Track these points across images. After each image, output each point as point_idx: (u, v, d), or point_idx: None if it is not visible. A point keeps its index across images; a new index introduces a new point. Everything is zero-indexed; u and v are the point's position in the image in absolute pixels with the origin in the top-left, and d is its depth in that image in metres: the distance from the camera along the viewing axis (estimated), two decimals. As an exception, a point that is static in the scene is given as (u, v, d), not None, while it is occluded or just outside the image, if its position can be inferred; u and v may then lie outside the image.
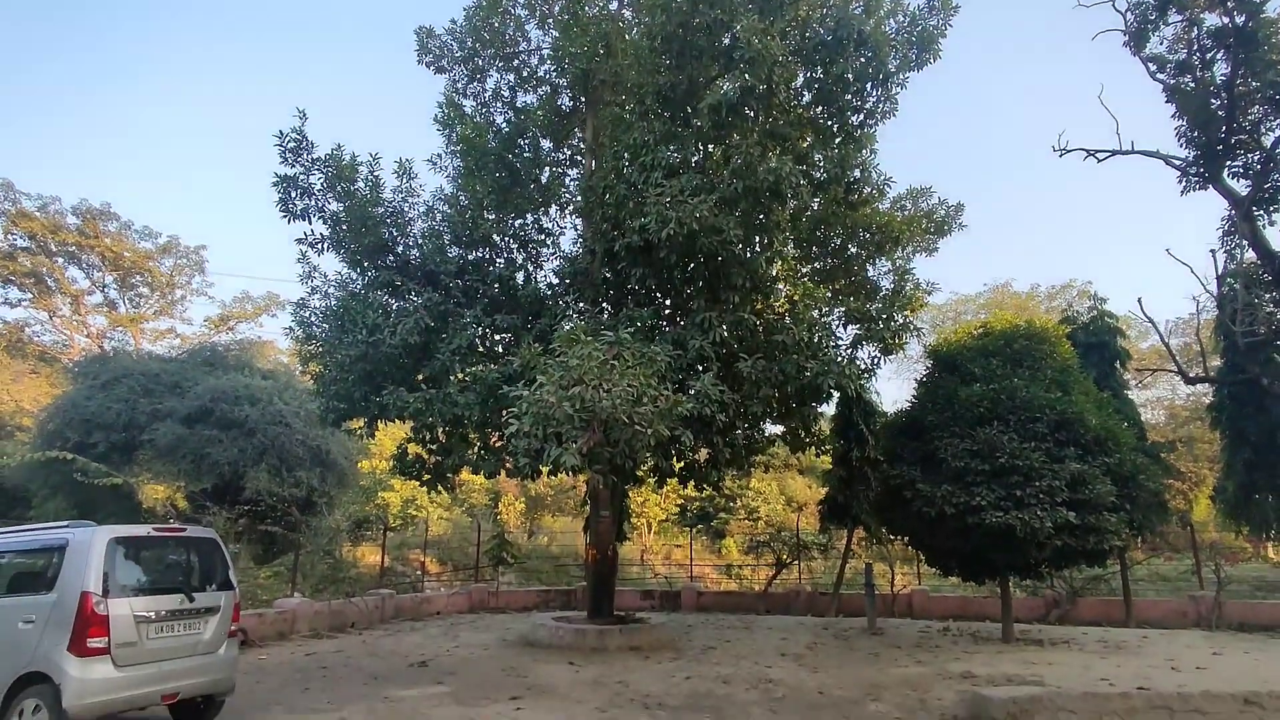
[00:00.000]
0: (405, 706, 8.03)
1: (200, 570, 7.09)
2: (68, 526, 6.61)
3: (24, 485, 18.70)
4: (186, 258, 31.58)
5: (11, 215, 26.80)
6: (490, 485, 32.69)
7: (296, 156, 11.60)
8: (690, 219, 9.90)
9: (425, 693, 8.77)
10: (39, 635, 5.94)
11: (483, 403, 11.06)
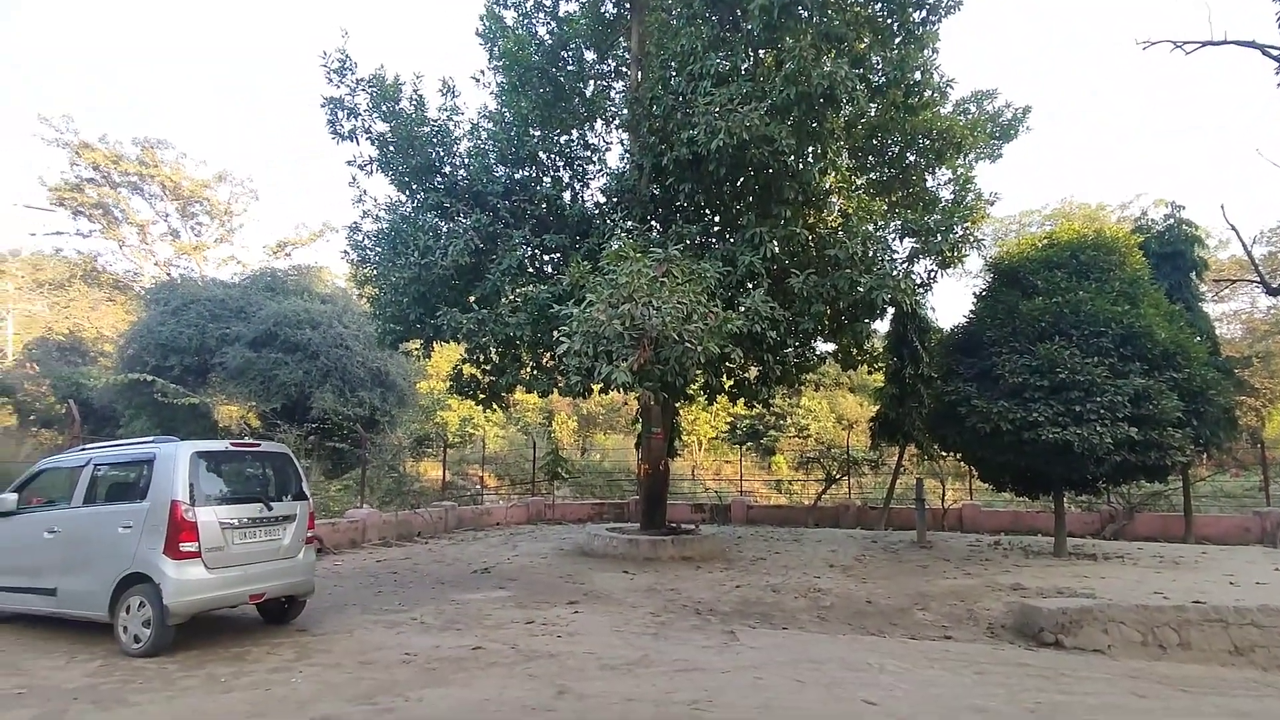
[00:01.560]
0: (471, 608, 8.53)
1: (276, 482, 7.53)
2: (154, 441, 7.07)
3: (111, 406, 19.93)
4: (243, 186, 32.16)
5: (75, 146, 27.53)
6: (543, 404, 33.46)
7: (341, 77, 11.53)
8: (740, 129, 9.57)
9: (489, 596, 9.29)
10: (137, 539, 6.46)
11: (534, 322, 11.19)
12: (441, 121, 12.39)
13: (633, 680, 5.80)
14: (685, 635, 7.39)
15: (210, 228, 32.25)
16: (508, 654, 6.59)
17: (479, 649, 6.72)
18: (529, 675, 5.91)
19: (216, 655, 6.46)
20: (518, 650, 6.71)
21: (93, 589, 6.60)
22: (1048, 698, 5.59)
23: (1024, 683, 5.99)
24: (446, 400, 28.79)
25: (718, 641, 7.16)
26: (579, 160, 13.40)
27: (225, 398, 19.38)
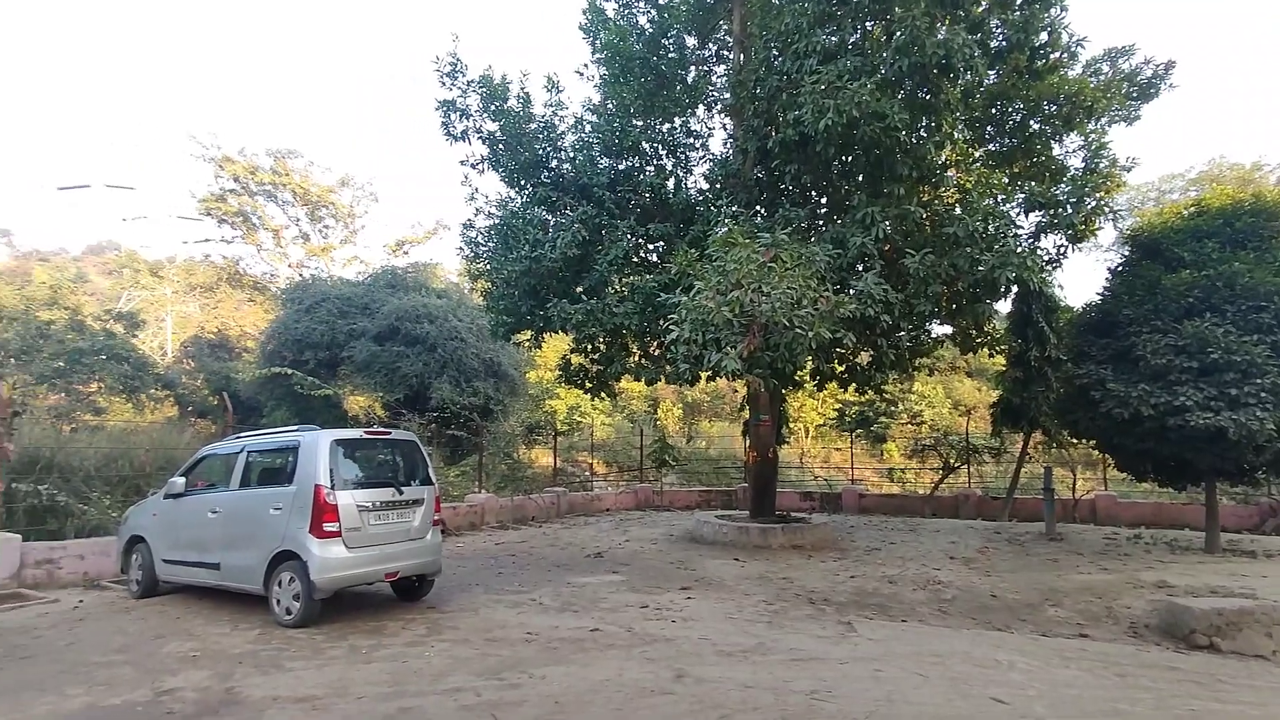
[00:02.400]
0: (587, 591, 8.77)
1: (405, 467, 8.01)
2: (298, 430, 7.67)
3: (255, 397, 21.74)
4: (363, 189, 34.14)
5: (219, 160, 30.06)
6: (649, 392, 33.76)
7: (453, 80, 12.01)
8: (849, 106, 9.26)
9: (603, 580, 9.52)
10: (286, 520, 7.04)
11: (641, 311, 11.31)
12: (547, 117, 12.68)
13: (749, 667, 5.80)
14: (800, 624, 7.31)
15: (336, 230, 34.45)
16: (624, 637, 6.73)
17: (596, 631, 6.91)
18: (646, 658, 6.03)
19: (357, 628, 6.96)
20: (633, 633, 6.85)
21: (249, 564, 7.25)
22: (1202, 705, 5.16)
23: (1174, 688, 5.56)
24: (555, 389, 29.62)
25: (834, 632, 7.04)
26: (682, 148, 13.38)
27: (353, 389, 20.74)
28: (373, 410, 20.33)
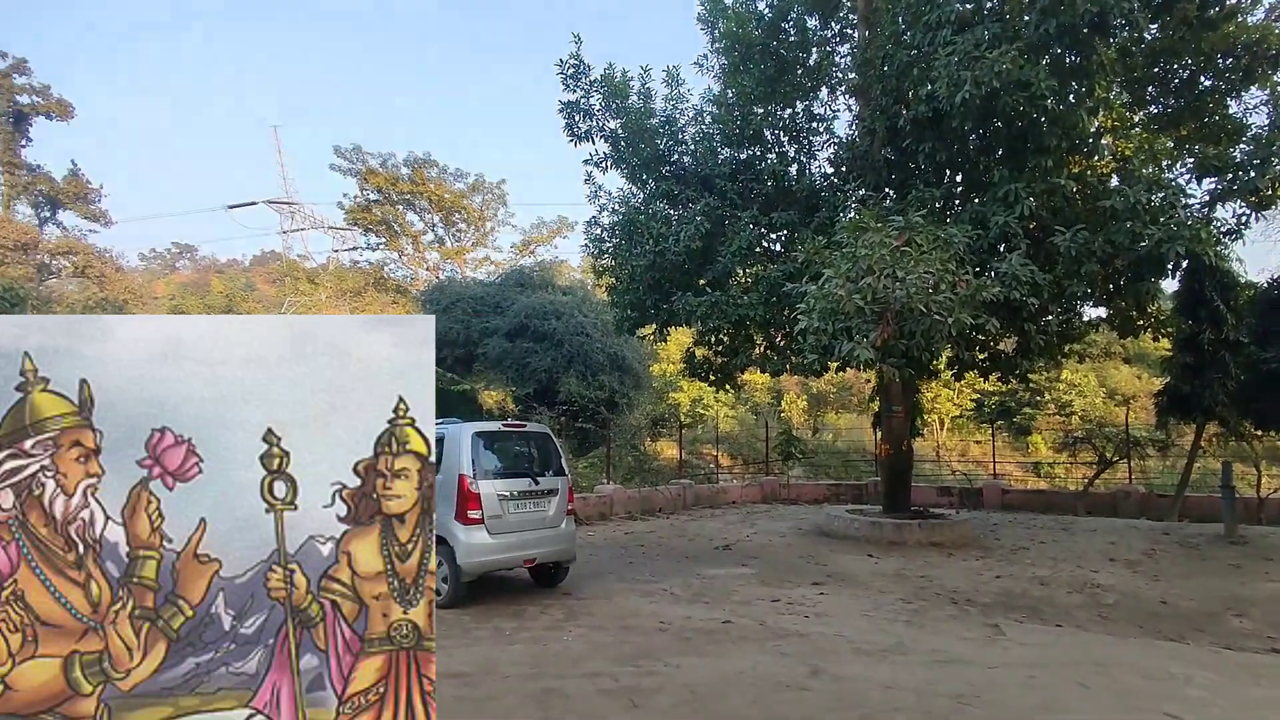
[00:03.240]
0: (717, 583, 8.79)
1: (539, 459, 8.33)
2: (441, 423, 8.15)
3: (399, 393, 23.29)
4: (491, 193, 35.73)
5: (363, 173, 32.41)
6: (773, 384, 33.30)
7: (576, 81, 12.31)
8: (989, 77, 8.69)
9: (732, 573, 9.50)
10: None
11: (766, 302, 11.16)
12: (668, 111, 12.75)
13: (889, 667, 5.61)
14: (942, 625, 6.99)
15: (468, 233, 36.28)
16: (756, 630, 6.70)
17: (728, 623, 6.91)
18: (780, 653, 5.97)
19: (499, 611, 7.33)
20: (766, 627, 6.80)
21: (404, 548, 7.80)
22: None
23: (1398, 715, 4.86)
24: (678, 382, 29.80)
25: (980, 634, 6.68)
26: (804, 133, 13.06)
27: (486, 384, 21.80)
28: (505, 404, 21.29)
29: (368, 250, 35.53)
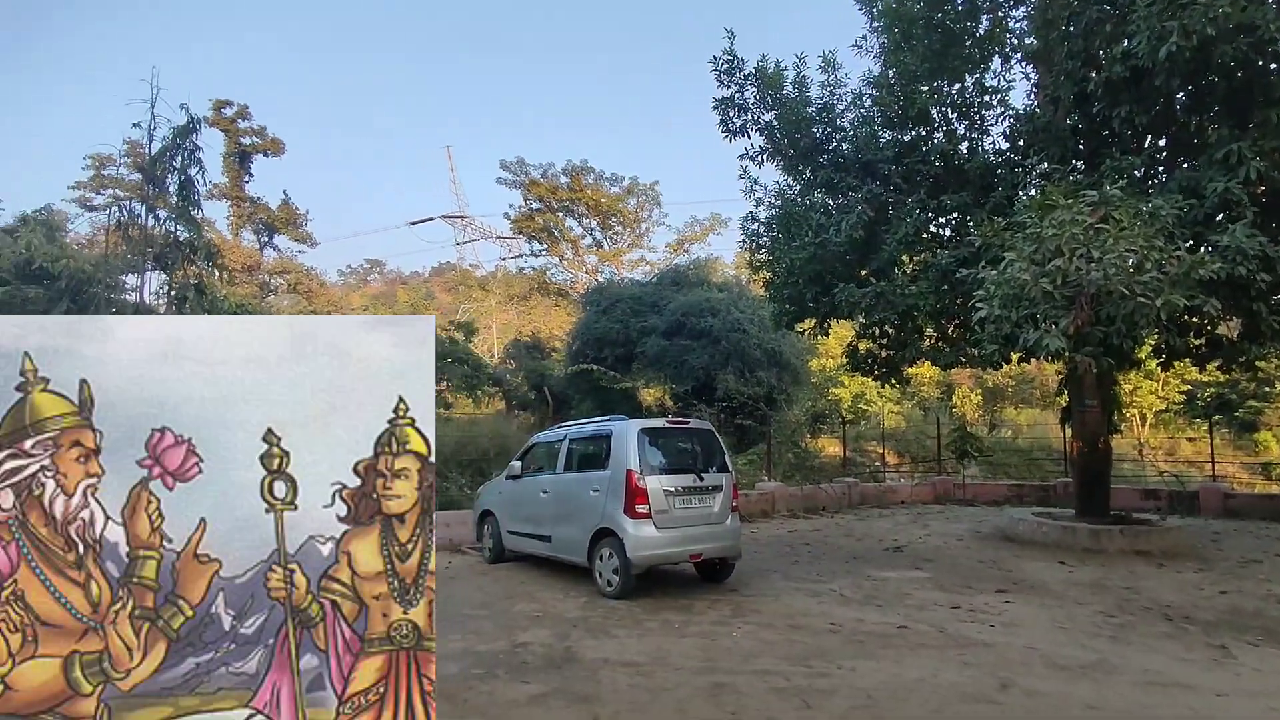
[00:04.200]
0: (889, 586, 8.42)
1: (703, 455, 8.39)
2: (609, 420, 8.44)
3: (565, 390, 24.37)
4: (645, 195, 36.45)
5: (526, 184, 34.23)
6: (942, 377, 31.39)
7: (730, 77, 12.23)
8: (1202, 25, 7.63)
9: (904, 575, 9.06)
10: (604, 501, 7.79)
11: (936, 290, 10.53)
12: (825, 98, 12.35)
13: (1090, 685, 5.11)
14: (1154, 643, 6.25)
15: (624, 235, 37.25)
16: (935, 637, 6.34)
17: (904, 628, 6.60)
18: (963, 662, 5.62)
19: (668, 605, 7.46)
20: (946, 634, 6.42)
21: (575, 539, 8.16)
22: None
23: None
24: (838, 377, 28.86)
25: (1202, 656, 5.90)
26: (975, 108, 12.16)
27: (645, 381, 22.25)
28: (664, 401, 21.62)
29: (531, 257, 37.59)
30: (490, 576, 8.99)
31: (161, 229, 8.24)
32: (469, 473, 13.52)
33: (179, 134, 8.23)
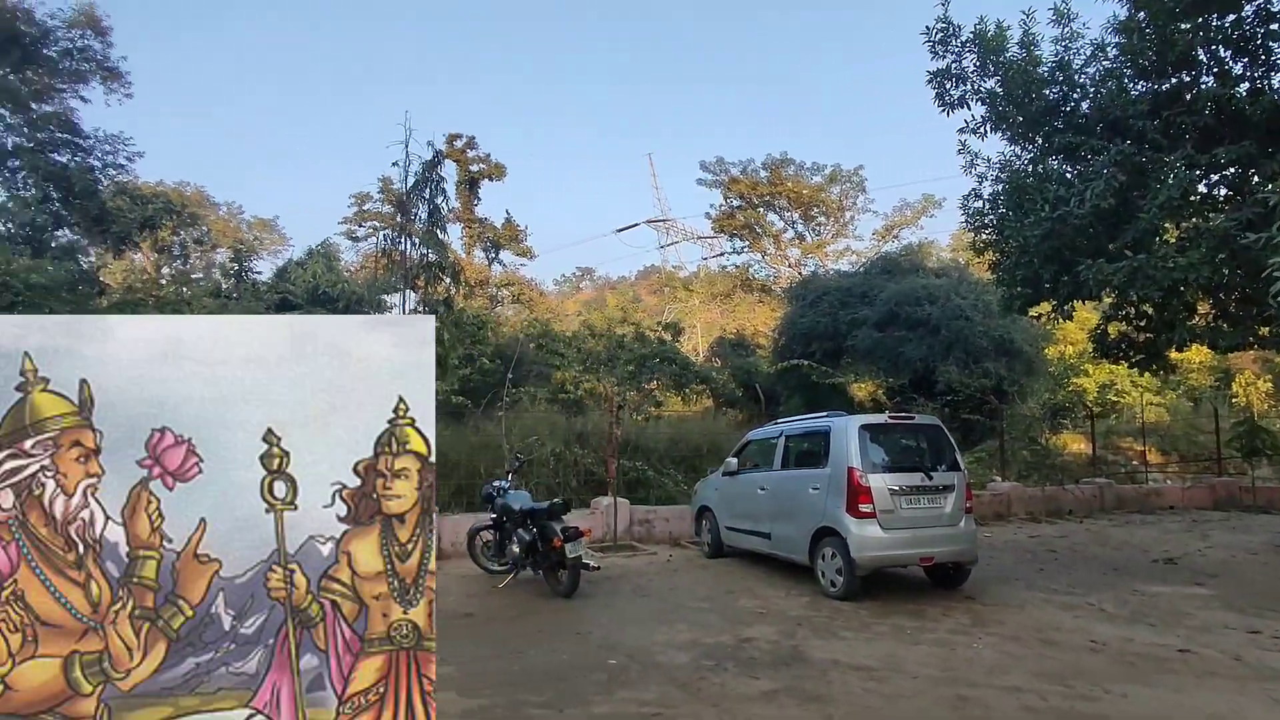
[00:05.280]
0: (1160, 603, 7.36)
1: (930, 452, 7.91)
2: (827, 416, 8.23)
3: (773, 387, 24.13)
4: (849, 182, 35.03)
5: (726, 183, 34.40)
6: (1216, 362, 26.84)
7: (945, 46, 11.34)
8: None
9: (1182, 592, 7.87)
10: (824, 499, 7.61)
11: (1211, 260, 8.98)
12: (1058, 55, 11.05)
13: None
14: None
15: (827, 226, 36.11)
16: (1229, 665, 5.44)
17: (1186, 652, 5.73)
18: (1272, 699, 4.76)
19: (897, 609, 7.11)
20: (1243, 663, 5.48)
21: (794, 537, 8.06)
22: None
23: None
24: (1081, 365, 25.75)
25: None
26: (1257, 40, 10.21)
27: (855, 376, 21.35)
28: (877, 396, 20.62)
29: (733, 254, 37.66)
30: (711, 571, 9.15)
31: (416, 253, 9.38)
32: (682, 469, 13.84)
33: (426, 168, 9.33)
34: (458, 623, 6.63)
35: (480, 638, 6.14)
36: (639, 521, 11.41)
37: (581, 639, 6.09)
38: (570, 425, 13.76)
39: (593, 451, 12.69)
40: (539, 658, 5.57)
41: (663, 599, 7.60)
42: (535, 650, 5.76)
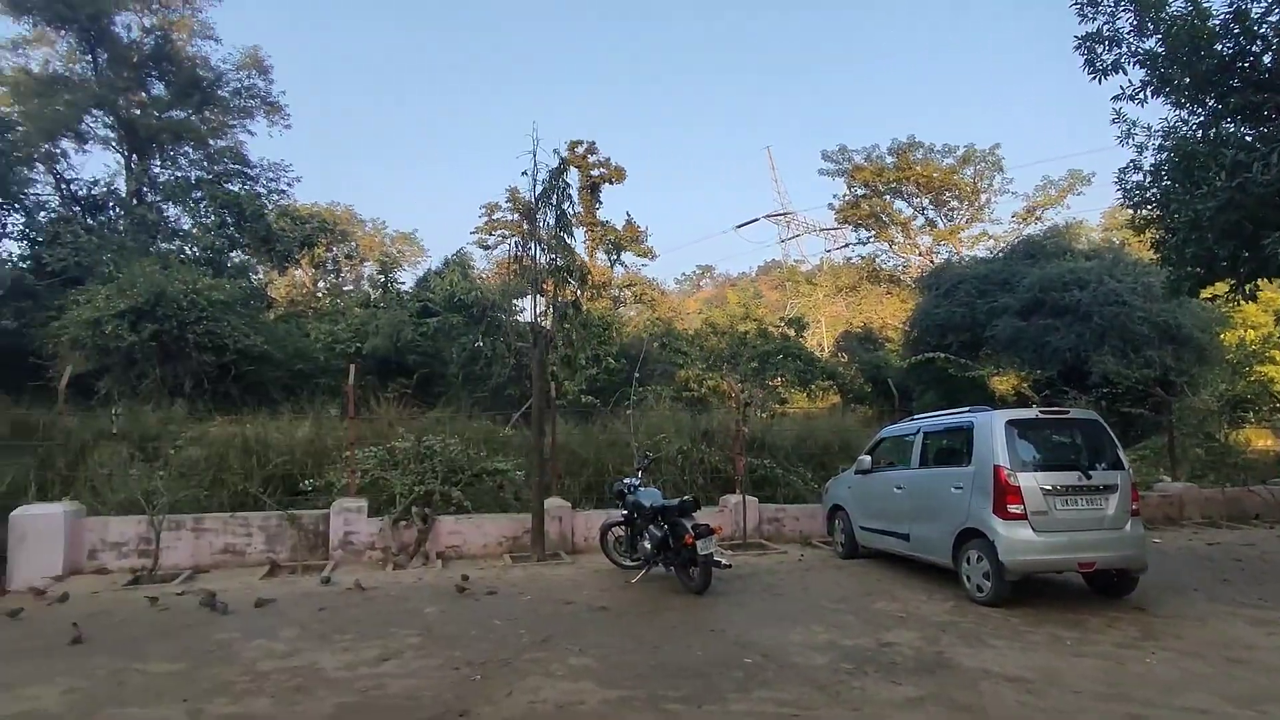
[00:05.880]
0: (1380, 620, 6.43)
1: (1087, 450, 7.29)
2: (969, 411, 7.78)
3: (904, 382, 23.07)
4: (984, 161, 32.93)
5: (850, 171, 33.29)
6: None
7: (1095, 8, 10.42)
8: None
9: (1407, 609, 6.83)
10: (968, 499, 7.20)
11: None
12: (1233, 5, 9.88)
13: None
14: None
15: (960, 210, 34.14)
16: None
17: None
18: None
19: (1052, 618, 6.61)
20: None
21: (935, 538, 7.67)
22: None
23: None
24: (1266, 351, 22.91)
25: None
26: None
27: (995, 368, 20.01)
28: (1019, 391, 19.25)
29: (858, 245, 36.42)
30: (845, 571, 8.88)
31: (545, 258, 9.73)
32: (810, 466, 13.51)
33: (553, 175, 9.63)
34: (593, 615, 6.80)
35: (615, 631, 6.27)
36: (768, 520, 11.26)
37: (716, 636, 6.09)
38: (695, 423, 13.76)
39: (718, 449, 12.64)
40: (674, 653, 5.62)
41: (796, 599, 7.46)
42: (670, 645, 5.81)
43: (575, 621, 6.55)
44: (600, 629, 6.33)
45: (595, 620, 6.63)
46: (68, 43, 22.44)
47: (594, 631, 6.22)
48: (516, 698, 4.67)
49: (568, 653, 5.59)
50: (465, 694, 4.73)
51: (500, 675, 5.09)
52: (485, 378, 17.77)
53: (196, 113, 24.09)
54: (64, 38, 22.23)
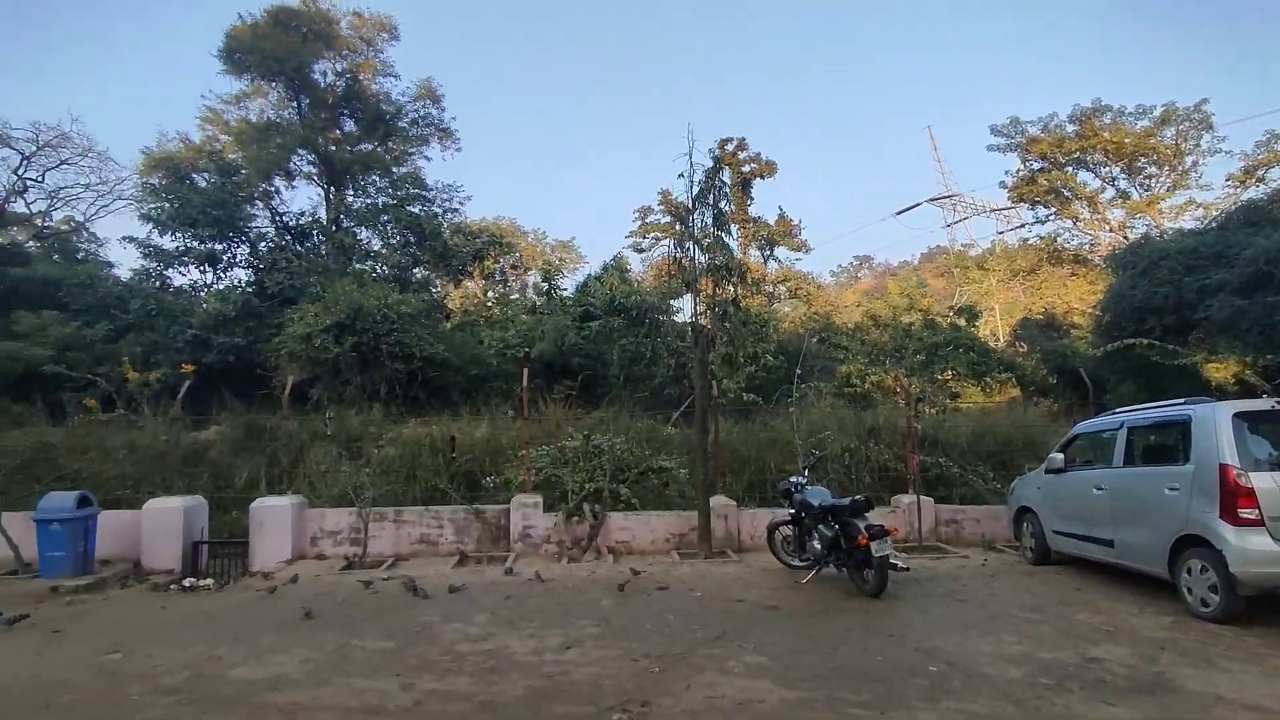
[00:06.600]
0: None
1: (1340, 447, 6.25)
2: (1185, 403, 6.92)
3: (1096, 372, 20.88)
4: (1188, 120, 29.06)
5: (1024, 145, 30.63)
6: None
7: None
8: None
9: None
10: (1186, 502, 6.41)
11: None
12: None
13: None
14: None
15: (1160, 177, 30.38)
16: None
17: None
18: None
19: (1301, 638, 5.75)
20: None
21: (1147, 545, 6.90)
22: None
23: None
24: None
25: None
26: None
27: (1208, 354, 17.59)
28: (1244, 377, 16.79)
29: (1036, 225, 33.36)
30: (1037, 578, 8.21)
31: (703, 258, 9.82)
32: (989, 465, 12.61)
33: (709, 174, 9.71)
34: (765, 614, 6.77)
35: (789, 631, 6.20)
36: (945, 521, 10.65)
37: (895, 641, 5.86)
38: (859, 420, 13.28)
39: (886, 446, 12.12)
40: (852, 656, 5.47)
41: (982, 606, 7.00)
42: (847, 648, 5.66)
43: (747, 620, 6.56)
44: (773, 628, 6.29)
45: (767, 619, 6.60)
46: (277, 92, 25.56)
47: (767, 631, 6.19)
48: (695, 692, 4.75)
49: (742, 650, 5.61)
50: (645, 685, 4.89)
51: (677, 669, 5.20)
52: (646, 378, 18.20)
53: (381, 144, 26.58)
54: (274, 88, 25.35)
